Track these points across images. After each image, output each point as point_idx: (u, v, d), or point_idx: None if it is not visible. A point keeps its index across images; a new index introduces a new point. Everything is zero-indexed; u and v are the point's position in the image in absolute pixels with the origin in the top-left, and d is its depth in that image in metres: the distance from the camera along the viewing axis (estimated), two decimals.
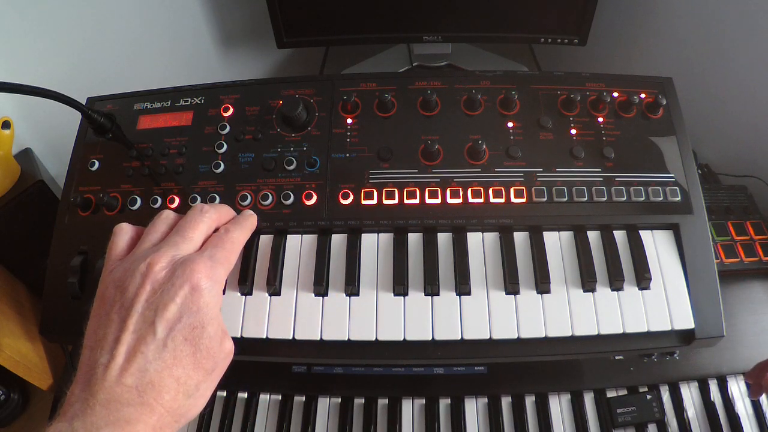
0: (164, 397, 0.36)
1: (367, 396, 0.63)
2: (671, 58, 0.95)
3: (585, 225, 0.54)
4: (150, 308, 0.38)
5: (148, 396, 0.35)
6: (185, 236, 0.43)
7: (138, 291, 0.38)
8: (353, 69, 1.07)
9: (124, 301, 0.38)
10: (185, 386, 0.37)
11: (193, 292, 0.39)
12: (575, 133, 0.58)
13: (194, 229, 0.44)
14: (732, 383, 0.64)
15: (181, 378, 0.37)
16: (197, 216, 0.45)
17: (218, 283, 0.41)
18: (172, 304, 0.38)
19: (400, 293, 0.51)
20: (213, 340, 0.39)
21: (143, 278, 0.39)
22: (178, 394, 0.37)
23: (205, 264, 0.40)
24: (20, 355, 0.67)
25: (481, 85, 0.60)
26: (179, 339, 0.37)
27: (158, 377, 0.36)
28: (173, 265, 0.40)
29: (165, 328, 0.37)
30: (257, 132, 0.58)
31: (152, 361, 0.36)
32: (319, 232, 0.54)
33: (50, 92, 0.51)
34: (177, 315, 0.38)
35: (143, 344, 0.36)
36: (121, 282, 0.40)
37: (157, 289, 0.39)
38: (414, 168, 0.56)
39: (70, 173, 0.59)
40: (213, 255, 0.42)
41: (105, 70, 0.90)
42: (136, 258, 0.41)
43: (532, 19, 0.92)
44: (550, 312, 0.50)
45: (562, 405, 0.62)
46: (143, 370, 0.36)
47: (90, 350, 0.38)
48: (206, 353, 0.38)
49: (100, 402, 0.34)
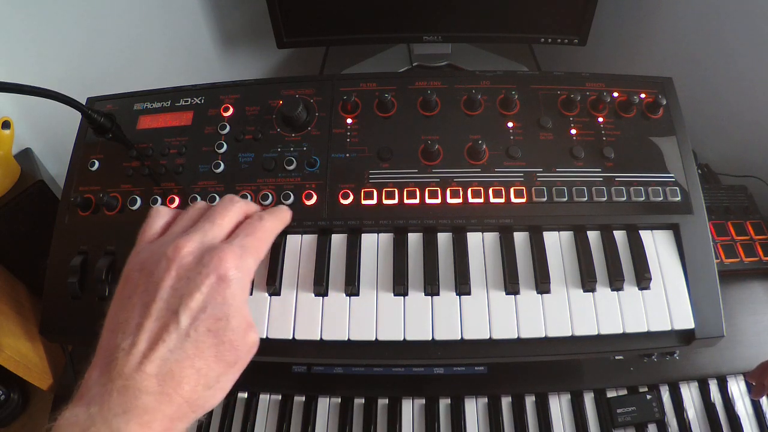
0: (184, 387, 0.35)
1: (367, 396, 0.63)
2: (671, 58, 0.95)
3: (585, 225, 0.54)
4: (175, 295, 0.37)
5: (167, 386, 0.35)
6: (214, 222, 0.42)
7: (164, 276, 0.37)
8: (353, 69, 1.07)
9: (148, 286, 0.38)
10: (206, 378, 0.36)
11: (220, 282, 0.38)
12: (575, 133, 0.58)
13: (224, 216, 0.43)
14: (732, 383, 0.64)
15: (202, 369, 0.36)
16: (228, 204, 0.44)
17: (247, 273, 0.40)
18: (198, 293, 0.37)
19: (400, 293, 0.51)
20: (236, 333, 0.38)
21: (169, 262, 0.38)
22: (197, 385, 0.36)
23: (234, 253, 0.39)
24: (20, 355, 0.67)
25: (481, 85, 0.60)
26: (202, 330, 0.36)
27: (179, 367, 0.35)
28: (201, 252, 0.39)
29: (188, 318, 0.36)
30: (257, 132, 0.58)
31: (174, 350, 0.35)
32: (319, 232, 0.54)
33: (50, 92, 0.51)
34: (202, 305, 0.37)
35: (166, 332, 0.36)
36: (148, 265, 0.39)
37: (182, 276, 0.38)
38: (414, 168, 0.56)
39: (70, 173, 0.59)
40: (243, 243, 0.41)
41: (105, 70, 0.90)
42: (164, 242, 0.40)
43: (532, 19, 0.92)
44: (550, 312, 0.50)
45: (562, 405, 0.62)
46: (164, 359, 0.35)
47: (110, 333, 0.37)
48: (229, 346, 0.38)
49: (118, 388, 0.33)
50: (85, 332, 0.52)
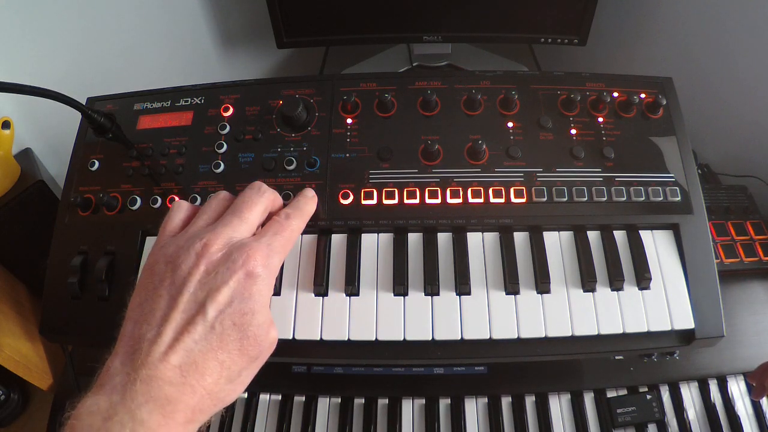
0: (207, 379, 0.36)
1: (367, 396, 0.63)
2: (671, 58, 0.95)
3: (585, 225, 0.54)
4: (202, 289, 0.37)
5: (190, 377, 0.35)
6: (242, 217, 0.42)
7: (192, 270, 0.38)
8: (353, 69, 1.07)
9: (175, 278, 0.38)
10: (228, 371, 0.37)
11: (248, 278, 0.38)
12: (575, 133, 0.58)
13: (251, 209, 0.43)
14: (732, 383, 0.64)
15: (226, 362, 0.37)
16: (255, 196, 0.44)
17: (273, 271, 0.41)
18: (225, 287, 0.37)
19: (400, 293, 0.51)
20: (261, 329, 0.39)
21: (198, 257, 0.38)
22: (220, 378, 0.36)
23: (263, 251, 0.40)
24: (20, 355, 0.67)
25: (481, 85, 0.60)
26: (228, 323, 0.37)
27: (203, 359, 0.36)
28: (230, 248, 0.39)
29: (215, 311, 0.37)
30: (257, 132, 0.58)
31: (199, 342, 0.36)
32: (319, 232, 0.54)
33: (50, 92, 0.51)
34: (229, 299, 0.37)
35: (192, 324, 0.36)
36: (174, 258, 0.39)
37: (210, 271, 0.38)
38: (414, 168, 0.56)
39: (70, 173, 0.59)
40: (271, 242, 0.41)
41: (104, 70, 0.90)
42: (191, 236, 0.40)
43: (532, 19, 0.92)
44: (550, 312, 0.50)
45: (562, 405, 0.62)
46: (189, 350, 0.35)
47: (134, 323, 0.37)
48: (253, 340, 0.38)
49: (142, 378, 0.34)
50: (85, 332, 0.53)
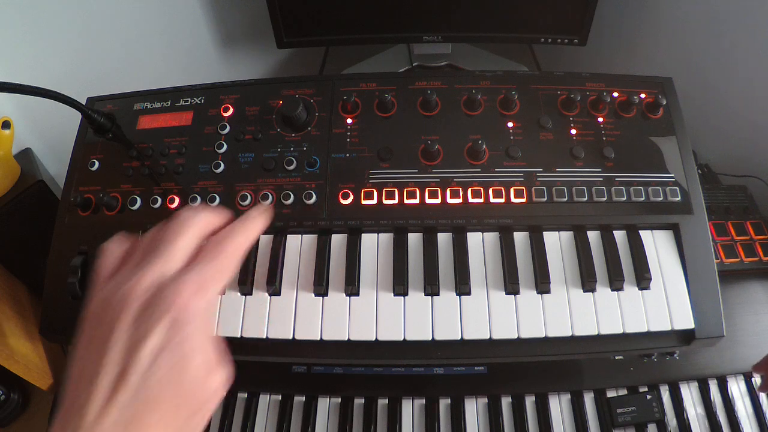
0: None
1: (367, 396, 0.63)
2: (671, 58, 0.95)
3: (585, 225, 0.54)
4: (128, 343, 0.34)
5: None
6: (162, 255, 0.37)
7: (115, 323, 0.34)
8: (353, 69, 1.07)
9: (102, 333, 0.35)
10: (171, 427, 0.34)
11: (174, 323, 0.34)
12: (575, 133, 0.58)
13: (175, 242, 0.38)
14: (732, 383, 0.64)
15: (161, 422, 0.34)
16: (178, 226, 0.39)
17: (207, 304, 0.37)
18: (149, 339, 0.34)
19: (400, 293, 0.51)
20: (196, 380, 0.35)
21: (121, 306, 0.35)
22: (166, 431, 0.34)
23: (189, 287, 0.36)
24: (20, 355, 0.67)
25: (481, 85, 0.60)
26: (158, 378, 0.34)
27: (137, 419, 0.33)
28: (156, 289, 0.35)
29: (144, 365, 0.33)
30: (257, 132, 0.58)
31: (130, 403, 0.33)
32: (319, 232, 0.54)
33: (50, 92, 0.51)
34: (157, 350, 0.34)
35: (121, 383, 0.33)
36: (101, 310, 0.36)
37: (137, 318, 0.35)
38: (414, 168, 0.56)
39: (70, 173, 0.59)
40: (201, 272, 0.37)
41: (104, 70, 0.90)
42: (116, 283, 0.37)
43: (532, 19, 0.92)
44: (550, 312, 0.50)
45: (562, 405, 0.62)
46: (123, 407, 0.32)
47: (71, 384, 0.35)
48: (191, 393, 0.35)
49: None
50: None
